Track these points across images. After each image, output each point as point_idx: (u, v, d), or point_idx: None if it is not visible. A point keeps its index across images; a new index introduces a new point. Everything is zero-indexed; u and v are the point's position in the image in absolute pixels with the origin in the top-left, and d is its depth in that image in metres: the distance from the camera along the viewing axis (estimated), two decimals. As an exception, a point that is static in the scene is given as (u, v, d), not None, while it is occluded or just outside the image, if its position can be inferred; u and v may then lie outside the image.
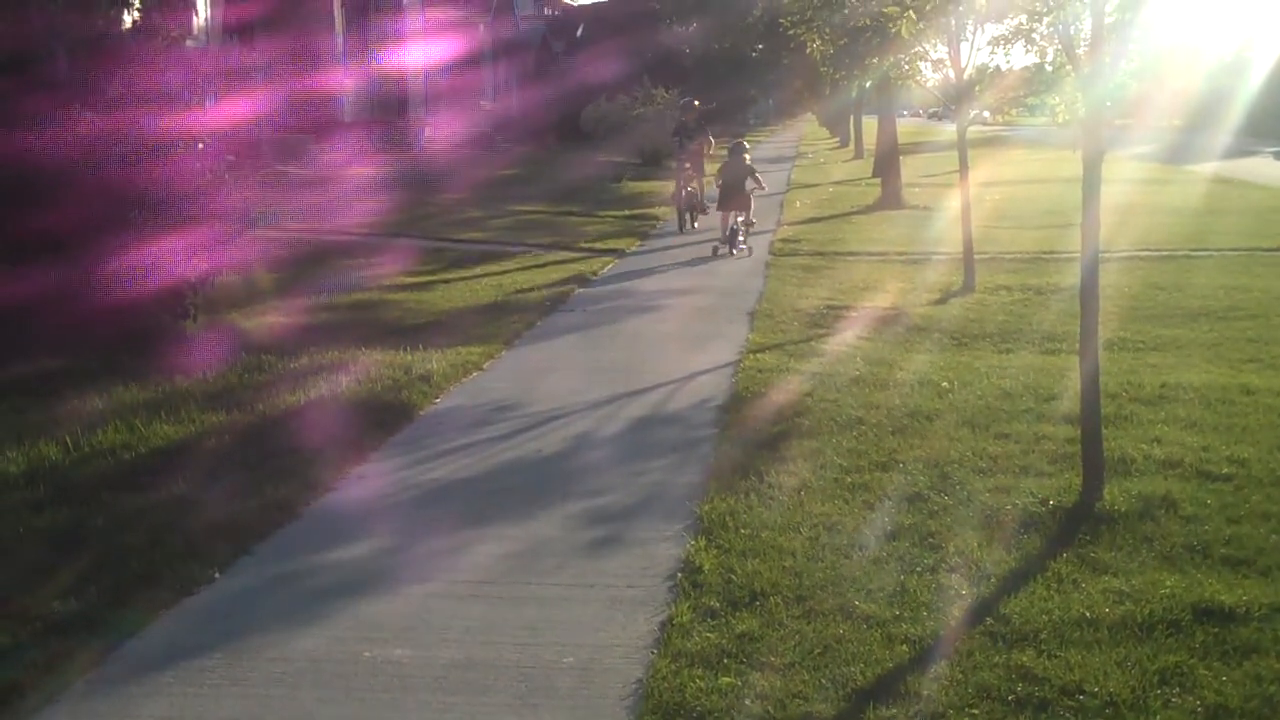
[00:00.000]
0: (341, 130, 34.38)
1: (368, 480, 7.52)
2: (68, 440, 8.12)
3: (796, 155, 52.07)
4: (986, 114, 17.78)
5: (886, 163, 29.06)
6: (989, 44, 14.47)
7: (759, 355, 10.87)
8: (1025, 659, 4.87)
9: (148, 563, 6.01)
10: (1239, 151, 42.06)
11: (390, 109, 38.84)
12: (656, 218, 24.28)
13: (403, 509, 7.03)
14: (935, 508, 6.68)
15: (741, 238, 18.95)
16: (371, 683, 4.82)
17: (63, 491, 7.16)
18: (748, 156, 19.59)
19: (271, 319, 12.84)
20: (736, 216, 18.96)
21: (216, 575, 5.95)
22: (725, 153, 20.26)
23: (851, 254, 18.86)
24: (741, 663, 4.88)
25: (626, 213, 25.00)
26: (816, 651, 4.97)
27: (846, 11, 14.75)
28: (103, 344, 10.53)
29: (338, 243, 19.76)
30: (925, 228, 22.06)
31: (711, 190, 20.84)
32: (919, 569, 5.82)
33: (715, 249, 19.18)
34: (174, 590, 5.72)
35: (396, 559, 6.19)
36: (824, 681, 4.72)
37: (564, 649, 5.09)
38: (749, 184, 18.98)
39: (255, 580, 5.94)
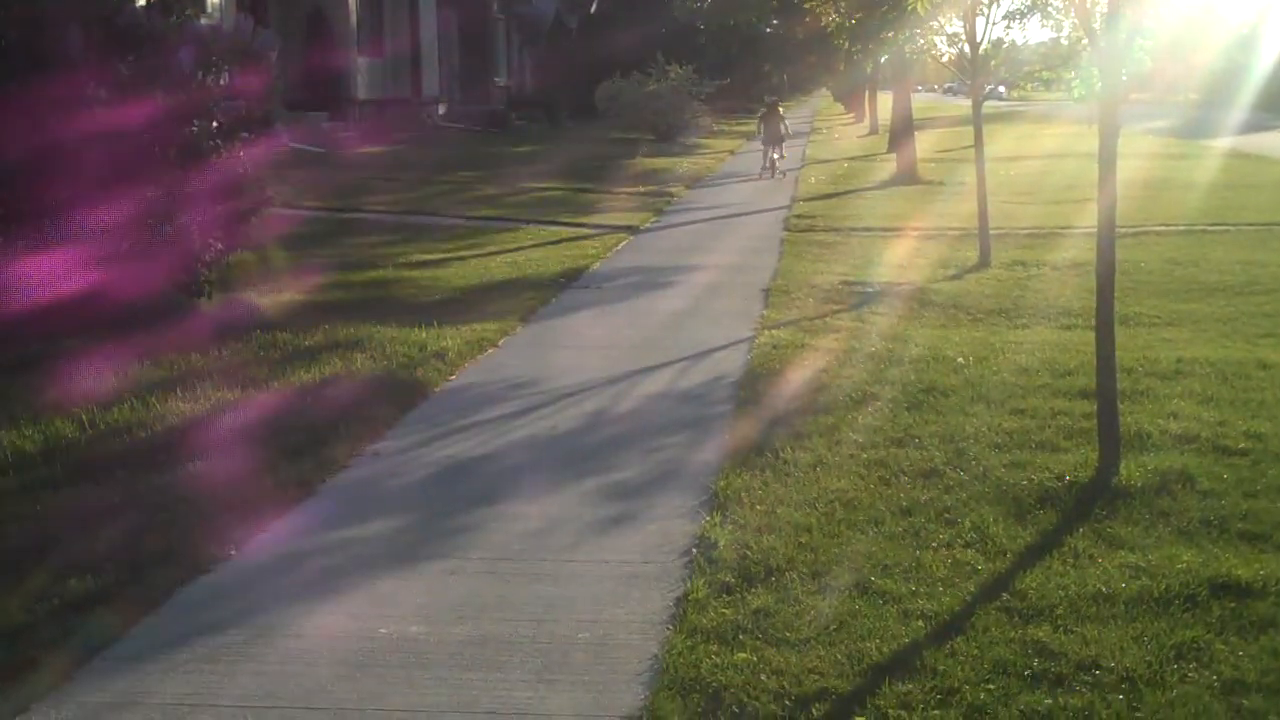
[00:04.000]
0: (355, 106, 34.39)
1: (383, 457, 7.53)
2: (83, 418, 8.14)
3: (811, 131, 51.94)
4: (1002, 89, 17.72)
5: (901, 138, 28.96)
6: (1005, 18, 14.39)
7: (774, 331, 10.84)
8: (1041, 634, 4.86)
9: (164, 540, 6.02)
10: (1255, 126, 41.77)
11: (403, 85, 38.81)
12: (671, 194, 24.28)
13: (418, 486, 7.04)
14: (951, 483, 6.66)
15: (779, 167, 28.20)
16: (388, 659, 4.83)
17: (79, 469, 7.18)
18: (781, 111, 29.83)
19: (285, 296, 12.84)
20: (772, 152, 28.13)
21: (233, 552, 5.97)
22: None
23: (866, 229, 18.81)
24: (757, 638, 4.88)
25: (641, 189, 24.95)
26: (832, 627, 4.97)
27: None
28: (117, 321, 10.55)
29: (351, 220, 19.77)
30: (940, 203, 21.99)
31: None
32: (935, 544, 5.82)
33: (760, 173, 27.96)
34: (190, 568, 5.74)
35: (412, 536, 6.20)
36: (840, 657, 4.72)
37: (580, 625, 5.10)
38: (782, 129, 28.72)
39: (271, 558, 5.96)
